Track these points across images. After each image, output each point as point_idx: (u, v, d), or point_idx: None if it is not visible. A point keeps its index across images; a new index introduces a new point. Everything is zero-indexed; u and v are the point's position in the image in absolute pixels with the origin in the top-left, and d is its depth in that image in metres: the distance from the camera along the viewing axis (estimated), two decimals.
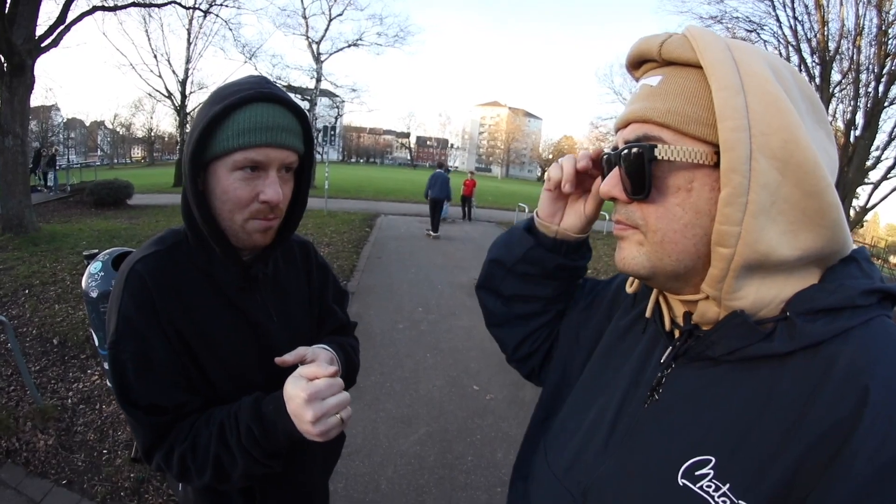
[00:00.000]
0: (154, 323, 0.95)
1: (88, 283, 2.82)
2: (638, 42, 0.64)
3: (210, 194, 0.97)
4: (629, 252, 0.63)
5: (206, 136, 0.91)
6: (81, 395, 3.71)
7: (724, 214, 0.53)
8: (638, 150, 0.58)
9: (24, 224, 8.94)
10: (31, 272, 6.43)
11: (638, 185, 0.59)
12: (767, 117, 0.51)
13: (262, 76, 1.01)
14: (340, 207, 16.70)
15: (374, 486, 3.03)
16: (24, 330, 4.73)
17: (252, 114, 0.92)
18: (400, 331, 5.75)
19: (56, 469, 2.93)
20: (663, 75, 0.60)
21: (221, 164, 0.94)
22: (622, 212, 0.64)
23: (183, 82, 25.54)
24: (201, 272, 1.03)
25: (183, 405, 0.99)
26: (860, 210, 13.98)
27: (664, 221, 0.58)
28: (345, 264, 8.51)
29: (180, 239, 1.04)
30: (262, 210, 0.97)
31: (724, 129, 0.52)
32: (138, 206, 14.43)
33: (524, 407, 4.12)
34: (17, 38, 8.46)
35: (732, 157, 0.51)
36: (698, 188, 0.56)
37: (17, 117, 8.85)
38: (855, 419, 0.45)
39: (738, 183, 0.51)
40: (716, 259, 0.55)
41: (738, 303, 0.55)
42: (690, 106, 0.56)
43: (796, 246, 0.54)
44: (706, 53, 0.55)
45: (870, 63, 12.62)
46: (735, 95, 0.52)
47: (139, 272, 0.97)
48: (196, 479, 0.98)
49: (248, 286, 1.08)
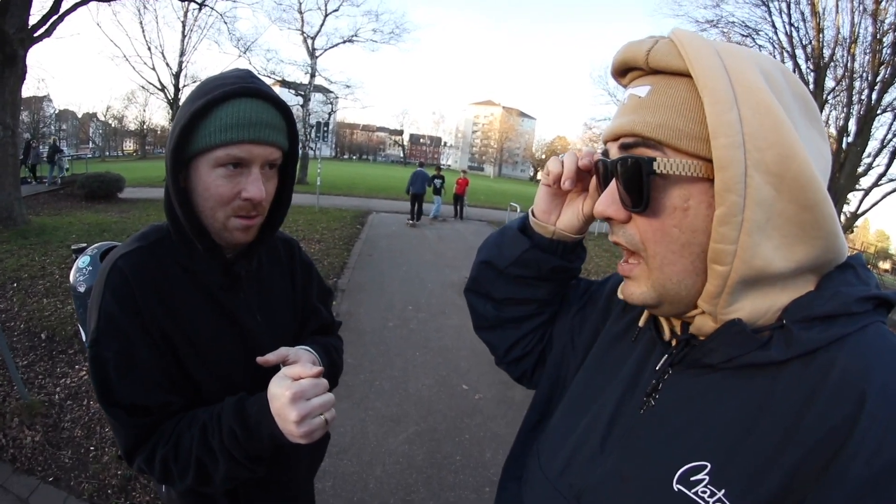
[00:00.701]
0: (136, 321, 0.94)
1: (76, 277, 2.78)
2: (623, 49, 0.62)
3: (192, 191, 0.95)
4: (636, 288, 0.62)
5: (188, 132, 0.90)
6: (69, 390, 3.68)
7: (719, 233, 0.52)
8: (635, 161, 0.56)
9: (14, 216, 8.85)
10: (19, 265, 6.37)
11: (636, 198, 0.57)
12: (763, 131, 0.50)
13: (248, 70, 0.99)
14: (332, 204, 16.65)
15: (363, 485, 3.04)
16: (12, 324, 4.69)
17: (235, 109, 0.90)
18: (390, 329, 5.75)
19: (43, 466, 2.91)
20: (652, 85, 0.58)
21: (203, 160, 0.92)
22: (619, 233, 0.62)
23: (176, 75, 25.31)
24: (184, 269, 1.01)
25: (166, 406, 0.98)
26: (851, 216, 14.03)
27: (662, 245, 0.57)
28: (335, 261, 8.50)
29: (163, 235, 1.03)
30: (245, 207, 0.95)
31: (718, 147, 0.51)
32: (129, 199, 14.32)
33: (513, 407, 4.13)
34: (10, 27, 8.36)
35: (727, 175, 0.51)
36: (695, 206, 0.55)
37: (7, 108, 8.75)
38: (851, 424, 0.46)
39: (733, 202, 0.51)
40: (712, 276, 0.55)
41: (734, 315, 0.55)
42: (682, 120, 0.54)
43: (791, 259, 0.53)
44: (696, 64, 0.53)
45: (864, 71, 12.69)
46: (728, 110, 0.51)
47: (121, 268, 0.95)
48: (178, 482, 0.97)
49: (231, 284, 1.07)
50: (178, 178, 0.94)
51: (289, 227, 10.67)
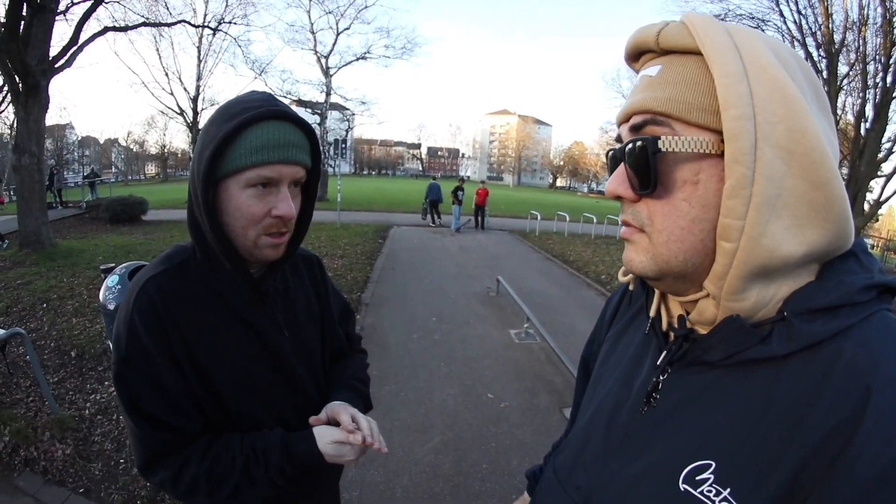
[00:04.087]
0: (162, 345, 0.96)
1: (106, 295, 2.85)
2: (635, 33, 0.62)
3: (222, 211, 0.97)
4: (636, 255, 0.60)
5: (217, 155, 0.92)
6: (99, 405, 3.74)
7: (727, 207, 0.51)
8: (641, 143, 0.56)
9: (42, 240, 9.10)
10: (48, 286, 6.54)
11: (644, 180, 0.56)
12: (773, 105, 0.50)
13: (268, 93, 1.02)
14: (353, 220, 16.80)
15: (390, 494, 3.02)
16: (43, 343, 4.80)
17: (263, 132, 0.93)
18: (414, 341, 5.74)
19: (73, 478, 2.96)
20: (662, 64, 0.58)
21: (233, 181, 0.94)
22: (628, 212, 0.61)
23: (194, 99, 25.86)
24: (210, 289, 1.03)
25: (188, 425, 1.01)
26: (874, 203, 13.70)
27: (671, 219, 0.56)
28: (359, 276, 8.54)
29: (188, 256, 1.05)
30: (276, 224, 0.98)
31: (728, 118, 0.50)
32: (153, 221, 14.62)
33: (539, 415, 4.09)
34: (32, 58, 8.65)
35: (736, 147, 0.50)
36: (705, 180, 0.53)
37: (32, 136, 9.03)
38: (857, 420, 0.45)
39: (742, 174, 0.49)
40: (720, 254, 0.53)
41: (740, 304, 0.54)
42: (692, 93, 0.54)
43: (802, 241, 0.52)
44: (706, 39, 0.53)
45: (876, 53, 12.48)
46: (738, 82, 0.50)
47: (148, 292, 0.98)
48: (202, 498, 1.02)
49: (257, 301, 1.09)
50: (208, 199, 0.95)
51: (311, 244, 10.79)
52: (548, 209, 23.16)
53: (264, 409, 1.09)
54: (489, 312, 7.09)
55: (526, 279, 9.39)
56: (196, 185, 0.95)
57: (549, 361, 5.19)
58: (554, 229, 17.73)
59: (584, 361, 0.98)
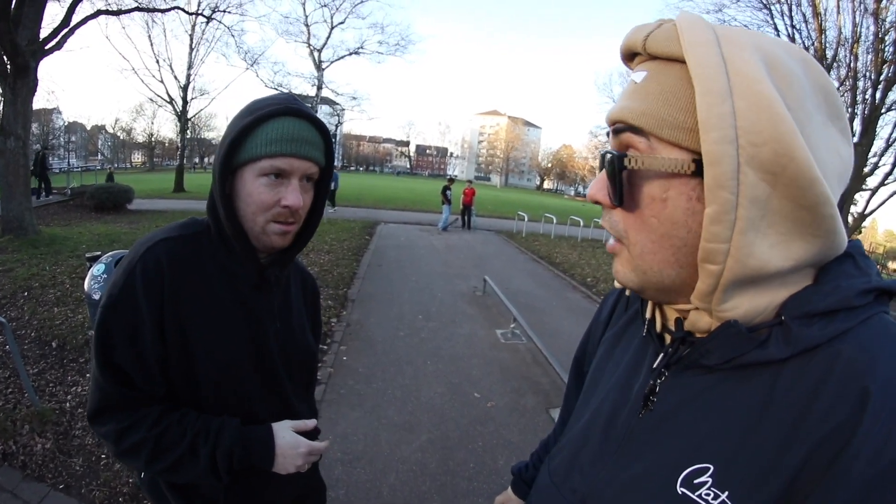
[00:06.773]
0: (155, 306, 0.99)
1: (91, 285, 2.78)
2: (629, 33, 0.60)
3: (236, 196, 1.05)
4: (621, 268, 0.61)
5: (236, 144, 1.00)
6: (80, 398, 3.67)
7: (710, 232, 0.49)
8: (611, 157, 0.55)
9: (25, 226, 8.92)
10: (30, 274, 6.40)
11: (616, 193, 0.56)
12: (758, 125, 0.47)
13: (291, 94, 1.09)
14: (340, 215, 16.76)
15: (376, 493, 3.01)
16: (23, 332, 4.69)
17: (279, 126, 1.00)
18: (401, 338, 5.72)
19: (53, 473, 2.89)
20: (648, 71, 0.56)
21: (249, 169, 1.02)
22: (606, 218, 0.61)
23: (184, 88, 25.42)
24: (217, 265, 1.08)
25: (151, 388, 1.03)
26: (858, 216, 14.06)
27: (642, 234, 0.56)
28: (345, 272, 8.49)
29: (202, 230, 1.10)
30: (283, 214, 1.04)
31: (708, 141, 0.48)
32: (138, 210, 14.44)
33: (525, 414, 4.10)
34: (22, 39, 8.46)
35: (718, 172, 0.47)
36: (674, 198, 0.52)
37: (19, 119, 8.83)
38: (855, 422, 0.44)
39: (726, 199, 0.48)
40: (703, 275, 0.52)
41: (731, 313, 0.53)
42: (668, 108, 0.52)
43: (789, 256, 0.51)
44: (690, 50, 0.50)
45: (867, 70, 12.76)
46: (721, 102, 0.47)
47: (158, 253, 1.02)
48: (140, 463, 1.04)
49: (261, 285, 1.13)
50: (224, 184, 1.03)
51: None
52: (535, 210, 23.29)
53: (237, 401, 1.11)
54: (476, 312, 7.10)
55: (512, 280, 9.43)
56: (216, 170, 1.03)
57: (535, 362, 5.21)
58: (541, 231, 17.84)
59: (577, 362, 0.99)
